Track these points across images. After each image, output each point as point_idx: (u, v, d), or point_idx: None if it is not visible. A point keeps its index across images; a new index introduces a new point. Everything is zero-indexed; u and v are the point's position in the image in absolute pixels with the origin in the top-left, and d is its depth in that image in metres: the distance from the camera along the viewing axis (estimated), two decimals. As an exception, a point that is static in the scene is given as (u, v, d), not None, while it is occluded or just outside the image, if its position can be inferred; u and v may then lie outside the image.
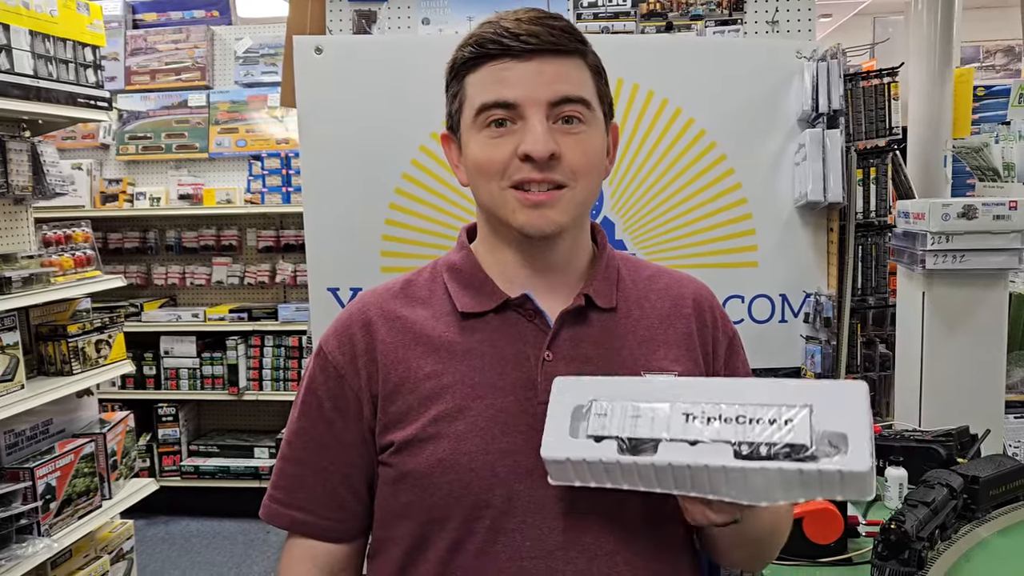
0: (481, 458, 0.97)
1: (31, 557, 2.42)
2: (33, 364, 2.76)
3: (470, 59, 1.00)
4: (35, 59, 2.58)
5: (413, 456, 0.99)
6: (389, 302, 1.07)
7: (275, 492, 1.09)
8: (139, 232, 4.63)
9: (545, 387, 0.97)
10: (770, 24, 2.24)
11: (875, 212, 2.17)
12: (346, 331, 1.06)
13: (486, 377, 1.00)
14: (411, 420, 1.00)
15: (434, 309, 1.05)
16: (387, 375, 1.02)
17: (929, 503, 1.44)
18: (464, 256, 1.08)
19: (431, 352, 1.02)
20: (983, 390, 1.90)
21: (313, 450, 1.06)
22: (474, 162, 1.01)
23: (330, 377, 1.05)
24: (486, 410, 0.98)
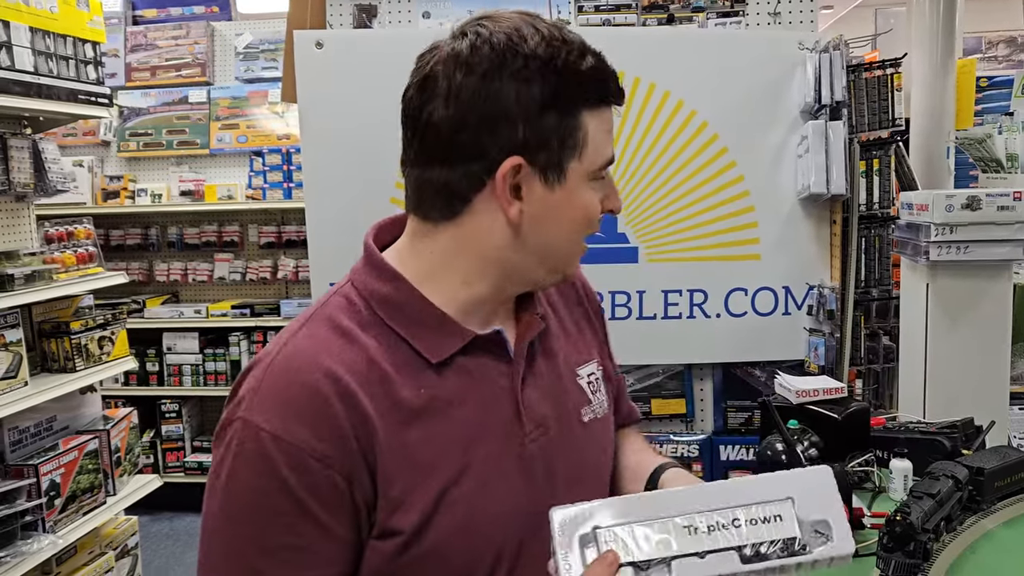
0: (492, 510, 0.91)
1: (36, 554, 2.42)
2: (36, 361, 2.76)
3: (598, 97, 0.89)
4: (35, 56, 2.57)
5: (427, 534, 0.87)
6: (349, 360, 0.87)
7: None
8: (141, 229, 4.62)
9: (529, 416, 0.93)
10: (772, 16, 2.23)
11: (878, 204, 2.17)
12: (318, 408, 0.84)
13: (474, 428, 0.91)
14: (416, 498, 0.87)
15: (395, 358, 0.88)
16: (385, 449, 0.85)
17: (934, 495, 1.43)
18: (399, 288, 0.91)
19: (415, 415, 0.88)
20: (987, 381, 1.90)
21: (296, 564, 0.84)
22: (584, 213, 0.90)
23: (310, 473, 0.82)
24: (484, 462, 0.90)
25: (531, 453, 0.93)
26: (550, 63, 0.84)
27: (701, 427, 2.35)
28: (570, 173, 0.88)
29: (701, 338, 1.97)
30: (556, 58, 0.84)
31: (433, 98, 0.85)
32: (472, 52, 0.84)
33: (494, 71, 0.83)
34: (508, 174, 0.85)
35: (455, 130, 0.85)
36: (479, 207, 0.88)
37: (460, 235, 0.90)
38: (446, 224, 0.90)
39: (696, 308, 2.21)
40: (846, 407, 1.76)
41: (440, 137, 0.85)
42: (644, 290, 2.20)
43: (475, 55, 0.84)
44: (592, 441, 1.02)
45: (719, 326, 2.20)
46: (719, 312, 2.21)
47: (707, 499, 0.87)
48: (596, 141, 0.88)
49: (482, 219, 0.88)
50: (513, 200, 0.87)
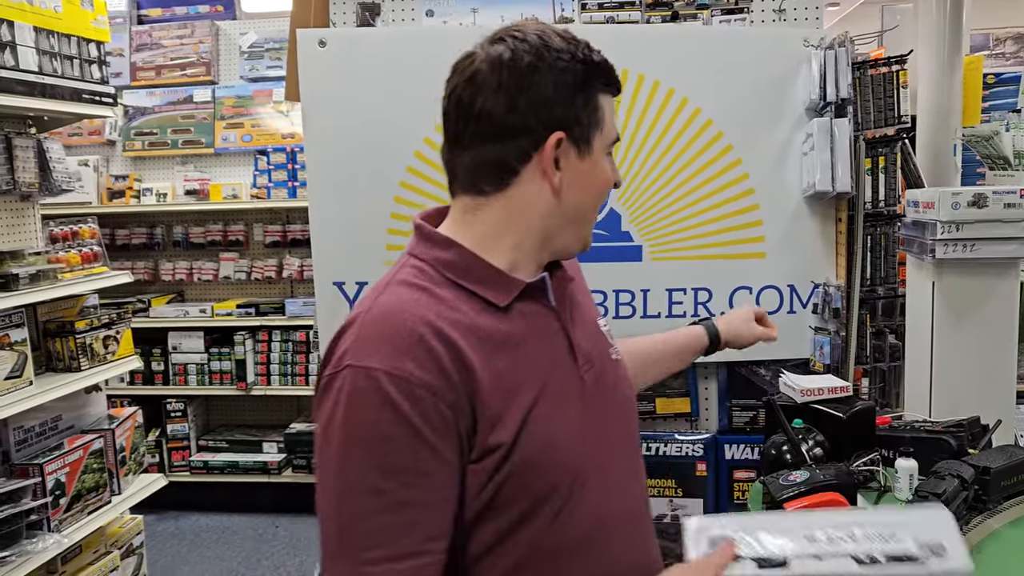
0: (567, 429, 1.06)
1: (41, 553, 2.43)
2: (41, 360, 2.77)
3: (607, 81, 1.09)
4: (39, 55, 2.58)
5: (520, 448, 1.00)
6: (436, 309, 1.01)
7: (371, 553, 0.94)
8: (146, 228, 4.63)
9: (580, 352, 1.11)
10: (777, 13, 2.22)
11: (884, 201, 2.16)
12: (422, 348, 0.97)
13: (543, 360, 1.07)
14: (508, 417, 1.00)
15: (469, 306, 1.04)
16: (481, 378, 0.99)
17: (940, 494, 1.42)
18: (459, 253, 1.07)
19: (497, 348, 1.02)
20: (994, 380, 1.89)
21: (418, 485, 0.96)
22: (603, 183, 1.10)
23: (421, 400, 0.95)
24: (554, 389, 1.06)
25: (587, 382, 1.10)
26: (575, 55, 1.04)
27: (706, 426, 2.35)
28: (595, 146, 1.08)
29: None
30: (577, 52, 1.05)
31: (483, 90, 1.02)
32: (513, 52, 1.02)
33: (535, 64, 1.02)
34: (553, 146, 1.04)
35: (506, 112, 1.02)
36: (526, 177, 1.05)
37: (509, 203, 1.07)
38: (497, 195, 1.06)
39: (701, 307, 2.20)
40: (851, 406, 1.75)
41: (493, 120, 1.03)
42: (648, 289, 2.19)
43: (516, 53, 1.02)
44: (622, 376, 1.22)
45: (724, 325, 2.19)
46: (724, 311, 2.20)
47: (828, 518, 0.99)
48: (609, 119, 1.09)
49: (529, 187, 1.06)
50: (556, 169, 1.05)
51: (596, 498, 1.07)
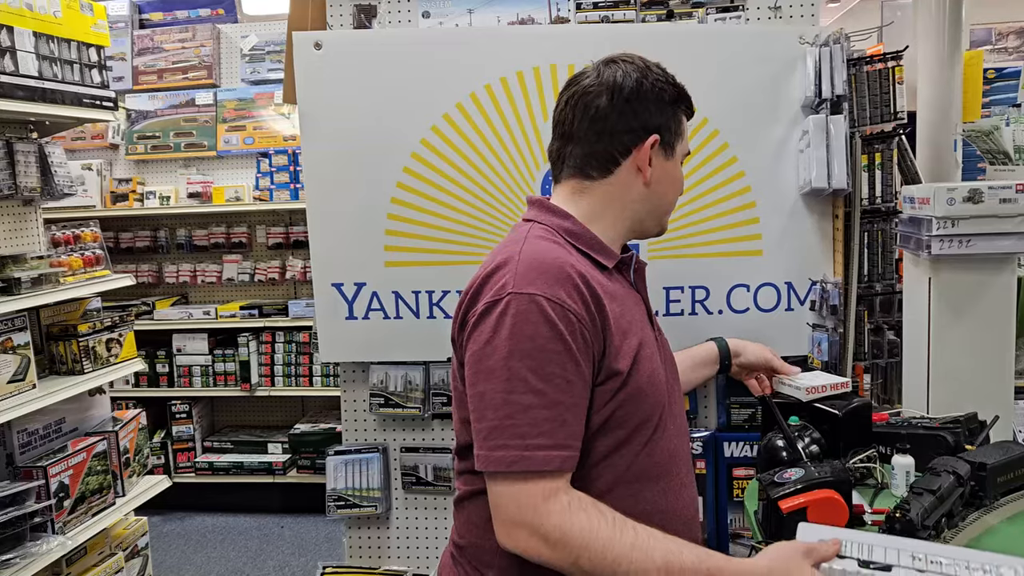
0: (658, 372, 1.33)
1: (45, 555, 2.44)
2: (44, 364, 2.79)
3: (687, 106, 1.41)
4: (39, 60, 2.60)
5: (633, 377, 1.26)
6: (573, 261, 1.25)
7: (536, 440, 1.15)
8: (150, 231, 4.66)
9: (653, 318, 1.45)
10: (772, 10, 2.22)
11: (881, 198, 2.15)
12: (570, 283, 1.21)
13: (638, 314, 1.36)
14: (625, 351, 1.26)
15: (587, 265, 1.29)
16: (608, 316, 1.24)
17: (935, 491, 1.42)
18: (575, 223, 1.34)
19: (610, 298, 1.27)
20: (992, 376, 1.88)
21: (566, 390, 1.17)
22: (677, 183, 1.42)
23: (571, 323, 1.18)
24: (648, 338, 1.35)
25: (661, 344, 1.42)
26: (668, 79, 1.37)
27: (705, 423, 2.34)
28: (677, 151, 1.39)
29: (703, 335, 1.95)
30: (669, 77, 1.38)
31: (599, 96, 1.32)
32: (625, 70, 1.34)
33: (640, 80, 1.33)
34: (650, 145, 1.34)
35: (619, 114, 1.32)
36: (625, 168, 1.35)
37: (611, 188, 1.35)
38: (601, 180, 1.35)
39: (698, 305, 2.20)
40: (847, 403, 1.75)
41: (608, 120, 1.32)
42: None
43: (627, 71, 1.33)
44: (668, 346, 1.49)
45: (721, 323, 2.19)
46: (721, 309, 2.20)
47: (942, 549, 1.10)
48: (684, 136, 1.41)
49: (626, 177, 1.35)
50: (649, 165, 1.35)
51: (672, 435, 1.35)
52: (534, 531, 1.14)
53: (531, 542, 1.14)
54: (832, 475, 1.48)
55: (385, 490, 2.34)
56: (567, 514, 1.14)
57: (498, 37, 2.18)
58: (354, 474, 2.33)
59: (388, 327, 2.22)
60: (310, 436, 4.37)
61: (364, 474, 2.33)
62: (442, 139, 2.14)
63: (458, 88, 2.12)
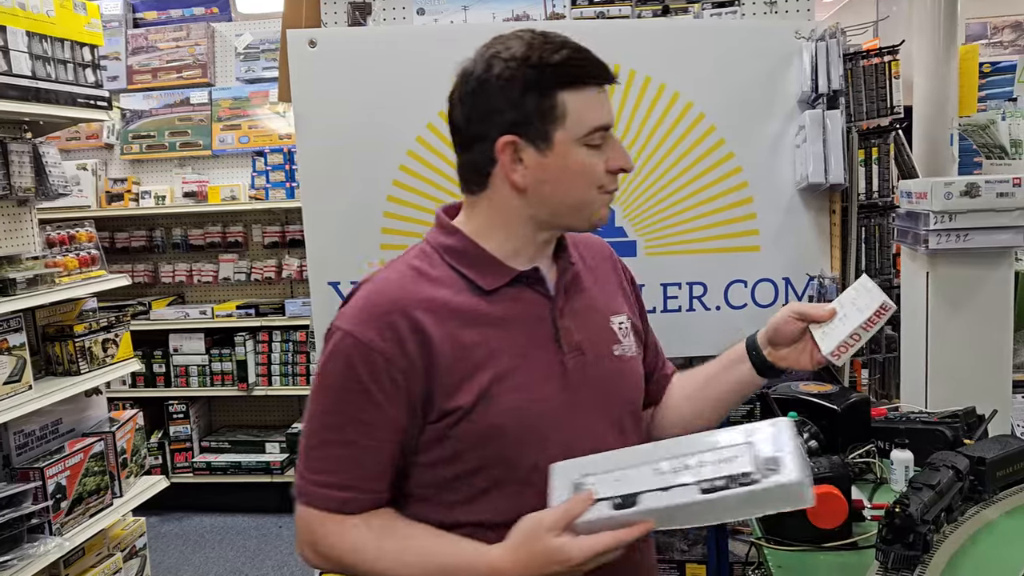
0: (533, 408, 1.16)
1: (43, 556, 2.44)
2: (40, 365, 2.78)
3: (570, 77, 1.13)
4: (33, 60, 2.58)
5: (484, 414, 1.13)
6: (412, 288, 1.16)
7: (320, 476, 1.15)
8: (145, 231, 4.65)
9: (565, 340, 1.20)
10: (768, 5, 2.22)
11: (878, 193, 2.15)
12: (382, 320, 1.13)
13: (523, 339, 1.18)
14: (470, 385, 1.13)
15: (453, 288, 1.17)
16: (441, 350, 1.13)
17: (934, 486, 1.42)
18: (460, 240, 1.21)
19: (469, 324, 1.15)
20: (990, 370, 1.88)
21: (363, 433, 1.15)
22: (579, 171, 1.15)
23: (374, 363, 1.13)
24: (530, 366, 1.17)
25: (571, 369, 1.19)
26: (526, 61, 1.12)
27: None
28: (557, 141, 1.13)
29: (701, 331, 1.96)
30: (532, 56, 1.12)
31: (454, 104, 1.18)
32: (473, 66, 1.15)
33: (482, 78, 1.13)
34: (506, 149, 1.13)
35: (467, 123, 1.16)
36: (497, 178, 1.17)
37: (491, 201, 1.19)
38: (481, 194, 1.19)
39: (696, 301, 2.20)
40: (846, 398, 1.75)
41: (460, 131, 1.18)
42: (643, 284, 2.16)
43: (474, 68, 1.15)
44: (622, 373, 1.27)
45: (719, 319, 2.18)
46: (719, 304, 2.20)
47: (678, 447, 1.06)
48: (578, 112, 1.13)
49: (501, 187, 1.17)
50: (516, 168, 1.14)
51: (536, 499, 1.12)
52: (315, 551, 1.17)
53: (316, 560, 1.18)
54: (831, 470, 1.48)
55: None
56: (339, 536, 1.15)
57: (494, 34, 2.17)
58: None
59: (385, 325, 2.21)
60: (308, 435, 4.36)
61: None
62: (438, 136, 2.13)
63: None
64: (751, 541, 1.69)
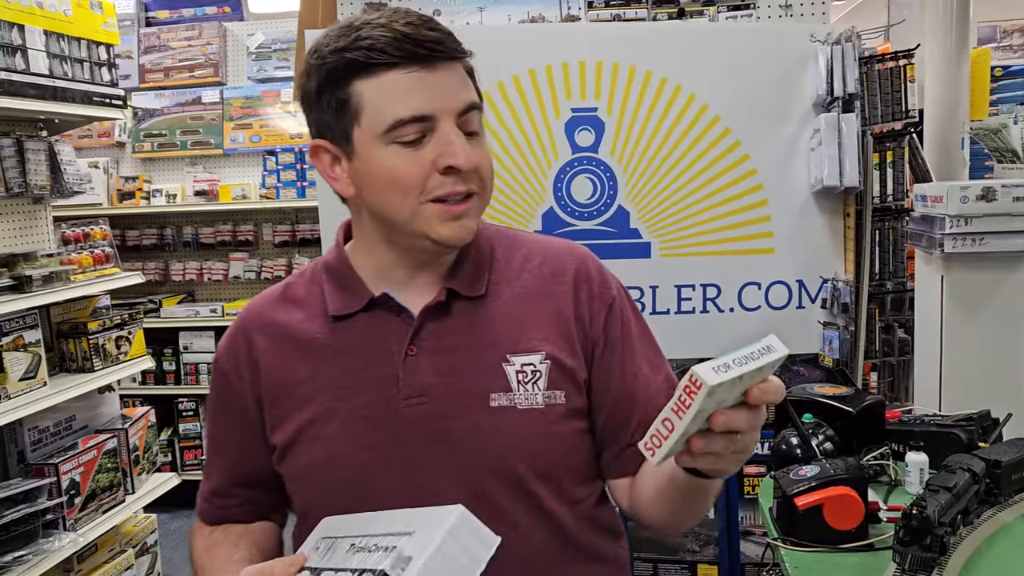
0: (352, 457, 1.01)
1: (57, 551, 2.45)
2: (55, 361, 2.79)
3: (364, 64, 0.93)
4: (50, 59, 2.60)
5: (291, 459, 1.05)
6: (266, 308, 1.10)
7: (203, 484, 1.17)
8: (156, 229, 4.66)
9: (408, 381, 1.00)
10: (783, 8, 2.22)
11: (892, 196, 2.16)
12: (231, 337, 1.10)
13: (353, 377, 1.02)
14: (289, 422, 1.04)
15: (310, 311, 1.06)
16: (268, 380, 1.06)
17: (951, 488, 1.42)
18: (337, 256, 1.08)
19: (306, 355, 1.04)
20: (1004, 373, 1.88)
21: (212, 446, 1.16)
22: (388, 177, 0.95)
23: (219, 380, 1.11)
24: (354, 410, 1.01)
25: (408, 417, 1.00)
26: (322, 58, 0.96)
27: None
28: (356, 141, 0.96)
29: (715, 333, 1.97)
30: (324, 49, 0.96)
31: None
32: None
33: (306, 71, 0.99)
34: (316, 154, 1.01)
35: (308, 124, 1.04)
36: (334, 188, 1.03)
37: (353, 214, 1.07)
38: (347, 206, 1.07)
39: (710, 303, 2.21)
40: (861, 400, 1.75)
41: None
42: (657, 285, 2.20)
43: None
44: (497, 428, 1.00)
45: (733, 320, 2.19)
46: (732, 306, 2.21)
47: (378, 523, 0.90)
48: (375, 104, 0.94)
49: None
50: (335, 175, 1.01)
51: None
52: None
53: None
54: (847, 472, 1.49)
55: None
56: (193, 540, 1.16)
57: (511, 35, 2.19)
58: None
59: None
60: (317, 434, 4.38)
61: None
62: (454, 137, 2.15)
63: (470, 86, 2.13)
64: (767, 542, 1.69)
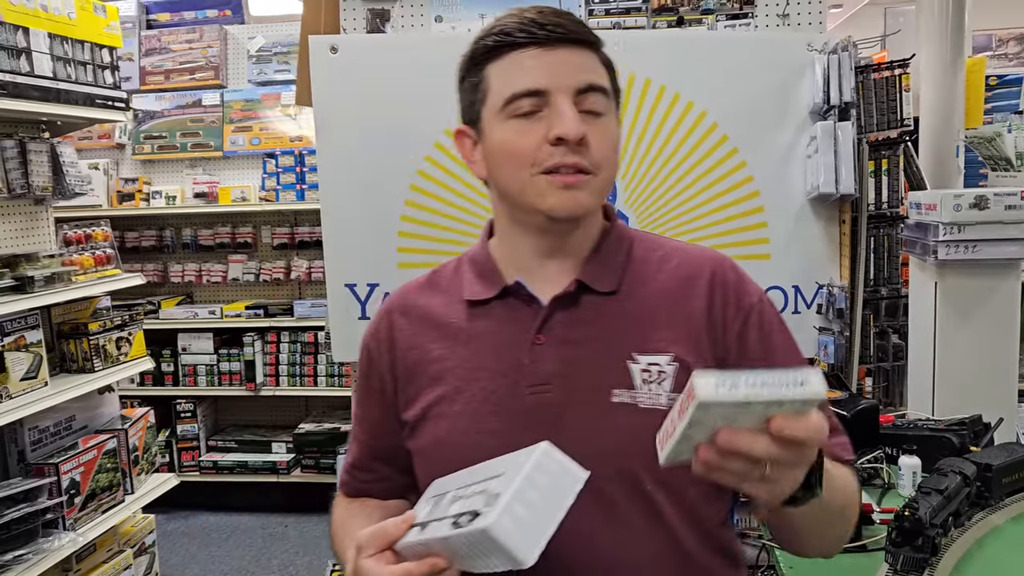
0: (472, 437, 1.03)
1: (57, 551, 2.47)
2: (55, 362, 2.81)
3: (493, 48, 1.02)
4: (54, 61, 2.62)
5: (419, 434, 1.09)
6: (411, 293, 1.17)
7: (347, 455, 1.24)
8: (156, 230, 4.68)
9: (533, 369, 1.03)
10: (781, 17, 2.25)
11: (887, 203, 2.18)
12: (375, 322, 1.18)
13: (483, 361, 1.06)
14: (420, 399, 1.09)
15: (449, 297, 1.13)
16: (404, 359, 1.12)
17: (942, 491, 1.45)
18: (480, 248, 1.15)
19: (442, 337, 1.10)
20: (996, 379, 1.91)
21: (357, 421, 1.22)
22: (502, 151, 1.02)
23: (363, 361, 1.17)
24: (479, 392, 1.05)
25: (530, 404, 1.03)
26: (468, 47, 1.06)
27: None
28: (484, 120, 1.05)
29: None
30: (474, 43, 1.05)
31: None
32: None
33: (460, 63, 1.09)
34: (458, 139, 1.10)
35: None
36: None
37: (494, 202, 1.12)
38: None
39: (706, 307, 2.23)
40: (855, 405, 1.78)
41: None
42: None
43: None
44: (619, 424, 1.00)
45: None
46: (729, 311, 2.23)
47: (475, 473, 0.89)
48: (498, 81, 1.02)
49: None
50: (472, 159, 1.09)
51: None
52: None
53: None
54: (842, 475, 1.51)
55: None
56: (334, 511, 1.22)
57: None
58: (365, 473, 2.35)
59: (400, 327, 2.24)
60: (314, 436, 4.39)
61: (374, 473, 2.35)
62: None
63: (471, 92, 2.15)
64: (762, 544, 1.72)
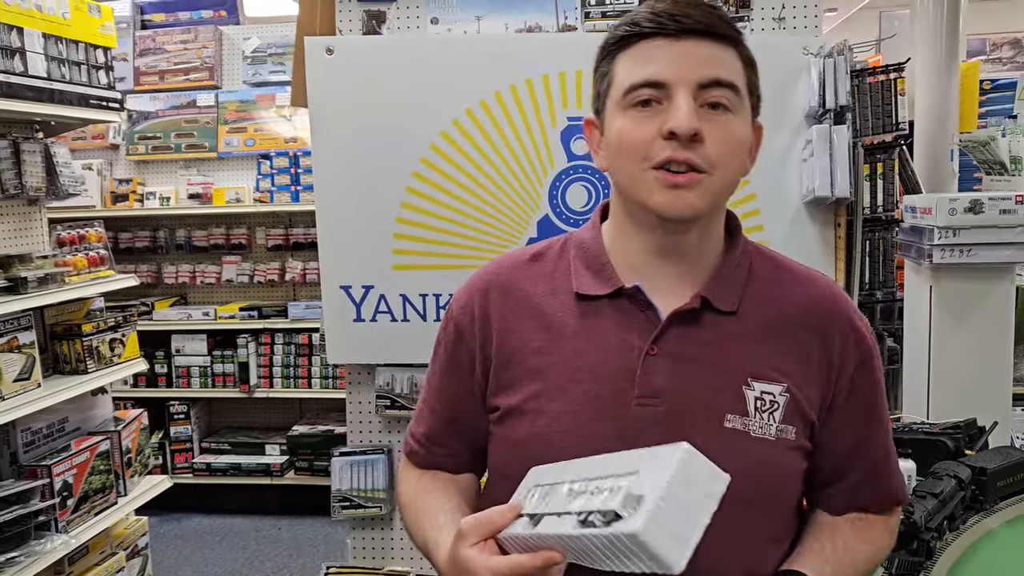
0: (571, 440, 0.99)
1: (49, 553, 2.45)
2: (49, 363, 2.79)
3: (623, 38, 1.00)
4: (48, 61, 2.61)
5: (512, 425, 1.05)
6: (512, 272, 1.12)
7: (412, 423, 1.23)
8: (149, 231, 4.66)
9: (644, 380, 0.99)
10: (777, 21, 2.25)
11: (882, 207, 2.19)
12: (467, 294, 1.13)
13: (588, 362, 1.02)
14: (516, 390, 1.05)
15: (555, 285, 1.08)
16: (501, 343, 1.07)
17: (937, 494, 1.45)
18: (592, 235, 1.09)
19: (543, 328, 1.05)
20: (991, 383, 1.92)
21: (432, 391, 1.18)
22: (618, 141, 0.99)
23: (450, 333, 1.14)
24: (583, 394, 1.01)
25: (636, 416, 0.99)
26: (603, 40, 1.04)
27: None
28: (607, 110, 1.02)
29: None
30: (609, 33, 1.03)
31: None
32: None
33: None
34: (587, 129, 1.08)
35: None
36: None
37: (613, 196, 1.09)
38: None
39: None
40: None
41: None
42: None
43: None
44: (731, 451, 0.93)
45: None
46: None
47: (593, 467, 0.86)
48: (623, 71, 1.00)
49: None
50: (596, 151, 1.06)
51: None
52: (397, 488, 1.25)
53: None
54: (837, 479, 1.51)
55: (389, 491, 2.36)
56: (403, 481, 1.21)
57: (508, 45, 2.21)
58: (359, 475, 2.35)
59: (395, 330, 2.24)
60: (308, 438, 4.38)
61: (369, 475, 2.35)
62: (451, 144, 2.17)
63: (468, 94, 2.15)
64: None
